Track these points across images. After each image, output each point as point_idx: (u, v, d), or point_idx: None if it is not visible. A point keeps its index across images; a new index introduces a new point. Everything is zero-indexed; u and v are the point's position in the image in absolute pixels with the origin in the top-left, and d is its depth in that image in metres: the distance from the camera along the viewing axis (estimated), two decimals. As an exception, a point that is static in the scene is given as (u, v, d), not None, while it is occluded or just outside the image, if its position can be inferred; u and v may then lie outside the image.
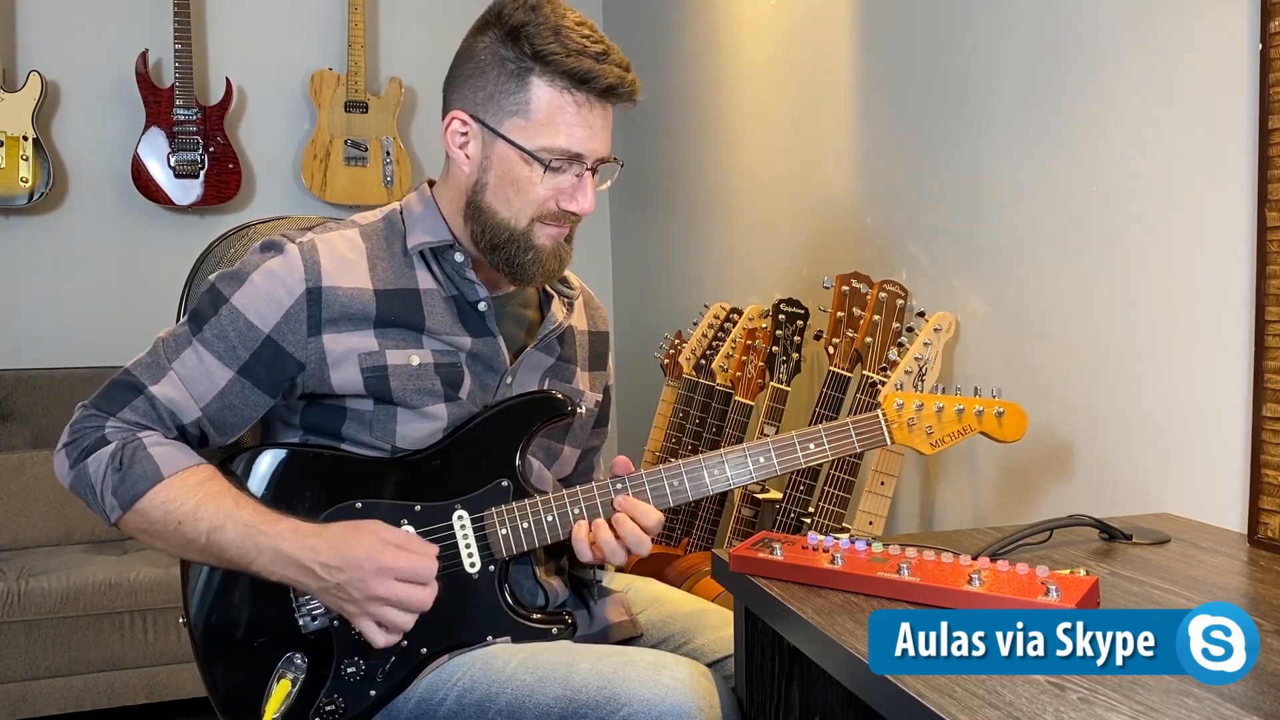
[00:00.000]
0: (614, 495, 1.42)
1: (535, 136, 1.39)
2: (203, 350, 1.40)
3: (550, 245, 1.44)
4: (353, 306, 1.41)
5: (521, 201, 1.41)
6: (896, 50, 2.30)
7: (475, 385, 1.46)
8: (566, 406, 1.46)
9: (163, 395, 1.39)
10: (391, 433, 1.42)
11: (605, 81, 1.38)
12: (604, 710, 1.25)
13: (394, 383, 1.41)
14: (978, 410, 1.50)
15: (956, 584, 1.13)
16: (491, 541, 1.42)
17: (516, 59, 1.38)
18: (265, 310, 1.40)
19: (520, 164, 1.40)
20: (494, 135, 1.40)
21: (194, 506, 1.35)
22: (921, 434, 1.48)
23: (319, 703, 1.38)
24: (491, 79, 1.40)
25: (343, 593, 1.33)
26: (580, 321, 1.60)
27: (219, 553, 1.36)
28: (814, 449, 1.45)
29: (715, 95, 3.12)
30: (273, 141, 3.73)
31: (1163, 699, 0.91)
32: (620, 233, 4.00)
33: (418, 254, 1.46)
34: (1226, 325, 1.53)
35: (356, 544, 1.33)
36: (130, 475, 1.35)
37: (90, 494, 1.38)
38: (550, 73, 1.37)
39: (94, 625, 2.91)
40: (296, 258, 1.41)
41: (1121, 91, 1.71)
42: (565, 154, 1.39)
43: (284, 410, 1.47)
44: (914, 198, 2.24)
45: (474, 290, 1.46)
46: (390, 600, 1.33)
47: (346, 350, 1.40)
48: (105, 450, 1.36)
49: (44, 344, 3.50)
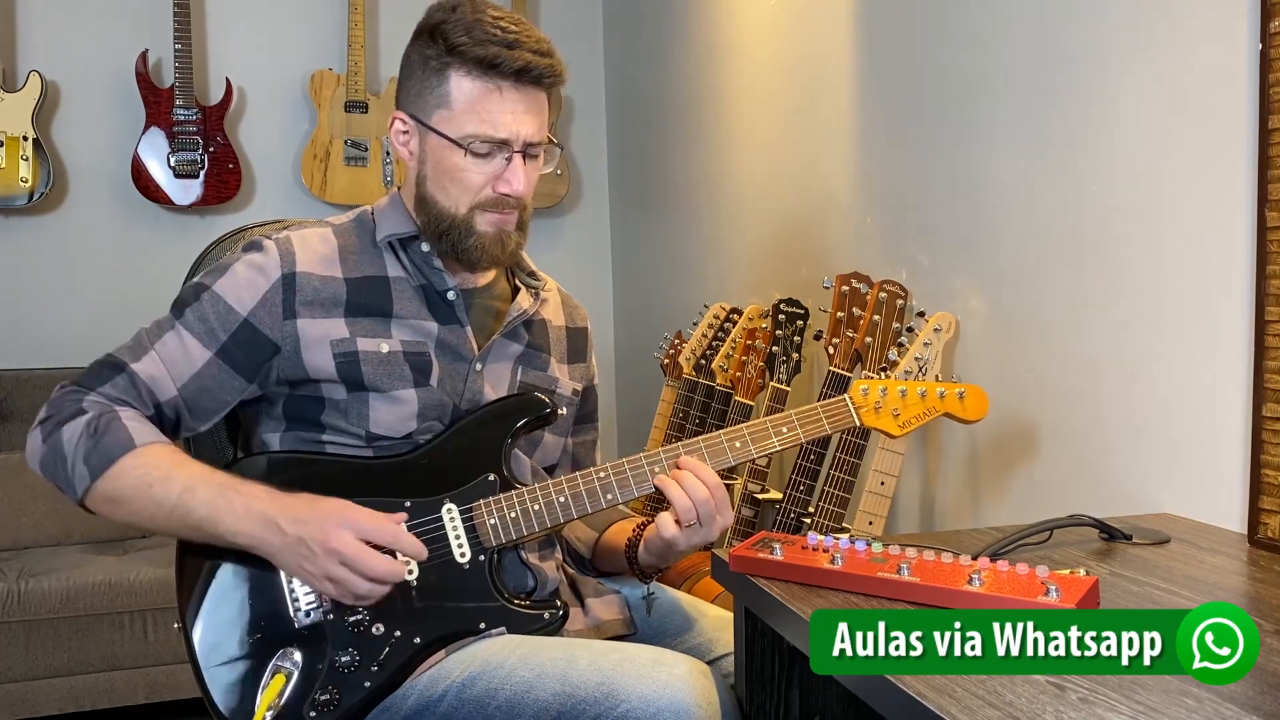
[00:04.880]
0: (596, 482, 1.47)
1: (460, 125, 1.46)
2: (184, 332, 1.46)
3: (492, 231, 1.50)
4: (325, 291, 1.48)
5: (458, 189, 1.49)
6: (896, 50, 2.30)
7: (444, 373, 1.51)
8: (548, 408, 1.52)
9: (143, 372, 1.44)
10: (365, 418, 1.47)
11: (514, 65, 1.44)
12: (603, 706, 1.25)
13: (365, 368, 1.46)
14: (940, 393, 1.57)
15: (956, 584, 1.13)
16: (480, 531, 1.45)
17: (436, 55, 1.47)
18: (244, 295, 1.47)
19: (449, 152, 1.48)
20: (425, 129, 1.49)
21: (167, 470, 1.38)
22: (889, 416, 1.55)
23: (313, 695, 1.39)
24: (418, 77, 1.49)
25: (303, 547, 1.35)
26: (556, 317, 1.65)
27: (186, 515, 1.37)
28: (786, 432, 1.51)
29: (715, 95, 3.12)
30: (273, 141, 3.73)
31: (1163, 699, 0.91)
32: (620, 233, 4.01)
33: (386, 244, 1.54)
34: (1226, 325, 1.53)
35: (327, 502, 1.39)
36: (103, 442, 1.38)
37: (60, 465, 1.40)
38: (465, 63, 1.45)
39: (94, 625, 2.91)
40: (273, 249, 1.49)
41: (1121, 91, 1.71)
42: (489, 139, 1.46)
43: (267, 403, 1.51)
44: (914, 198, 2.24)
45: (442, 279, 1.53)
46: (347, 556, 1.34)
47: (320, 335, 1.47)
48: (81, 419, 1.40)
49: (44, 344, 3.50)
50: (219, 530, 1.37)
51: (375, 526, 1.37)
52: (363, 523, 1.36)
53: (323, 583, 1.37)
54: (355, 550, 1.35)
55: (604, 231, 4.06)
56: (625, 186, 3.94)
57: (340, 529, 1.35)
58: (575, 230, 4.02)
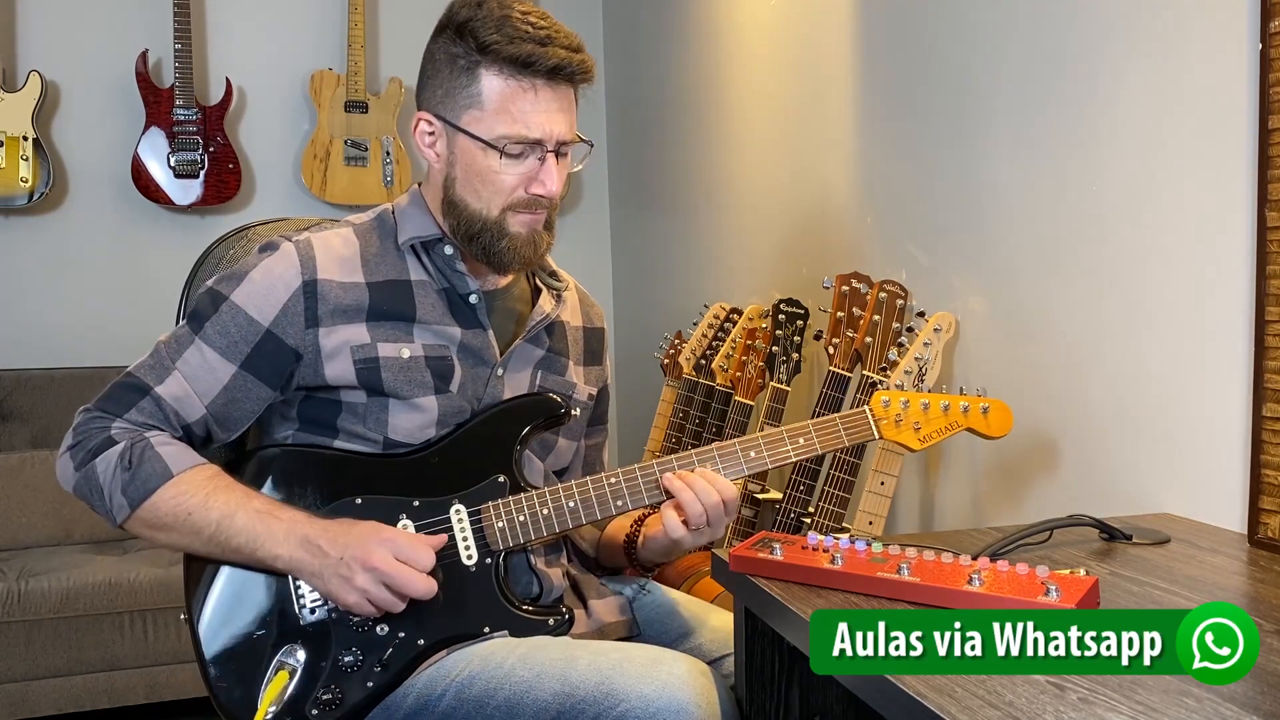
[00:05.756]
0: (607, 488, 1.45)
1: (492, 126, 1.43)
2: (205, 347, 1.44)
3: (525, 232, 1.48)
4: (347, 299, 1.45)
5: (490, 191, 1.45)
6: (896, 50, 2.30)
7: (466, 377, 1.49)
8: (561, 408, 1.50)
9: (168, 394, 1.43)
10: (384, 424, 1.45)
11: (550, 62, 1.42)
12: (602, 706, 1.25)
13: (385, 374, 1.45)
14: (963, 407, 1.53)
15: (956, 584, 1.13)
16: (488, 534, 1.44)
17: (465, 54, 1.43)
18: (264, 305, 1.44)
19: (481, 154, 1.44)
20: (455, 130, 1.45)
21: (204, 498, 1.39)
22: (909, 430, 1.52)
23: (316, 693, 1.39)
24: (446, 76, 1.45)
25: (344, 568, 1.36)
26: (574, 318, 1.63)
27: (225, 541, 1.38)
28: (803, 443, 1.49)
29: (715, 95, 3.12)
30: (273, 141, 3.73)
31: (1163, 699, 0.91)
32: (620, 233, 4.01)
33: (409, 248, 1.51)
34: (1226, 325, 1.52)
35: (366, 525, 1.40)
36: (140, 474, 1.38)
37: (97, 495, 1.41)
38: (496, 62, 1.42)
39: (94, 625, 2.90)
40: (293, 253, 1.46)
41: (1121, 91, 1.71)
42: (523, 139, 1.43)
43: (281, 404, 1.50)
44: (914, 198, 2.24)
45: (464, 282, 1.50)
46: (385, 573, 1.35)
47: (340, 343, 1.44)
48: (113, 450, 1.40)
49: (44, 344, 3.50)
50: (258, 555, 1.38)
51: (413, 549, 1.37)
52: (401, 543, 1.37)
53: (361, 603, 1.37)
54: (397, 570, 1.36)
55: (604, 231, 4.06)
56: (625, 186, 3.93)
57: (380, 548, 1.36)
58: (575, 230, 4.01)
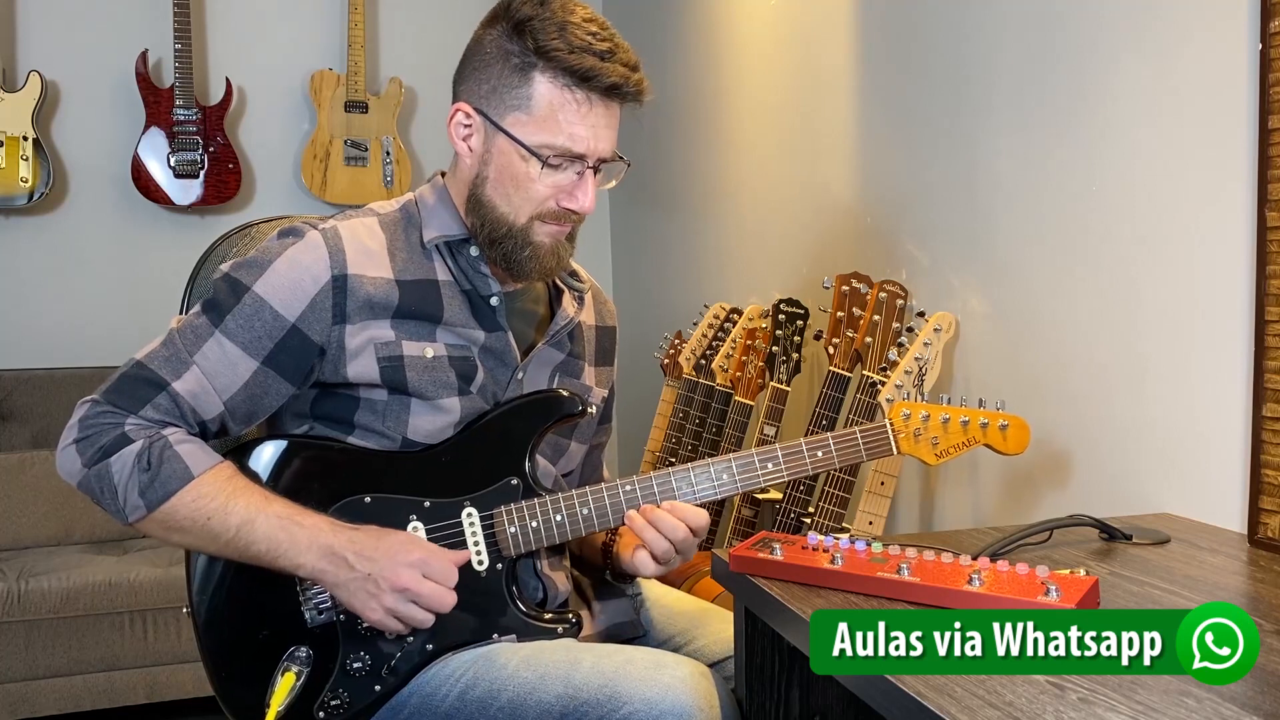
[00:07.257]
0: (622, 496, 1.43)
1: (536, 133, 1.38)
2: (226, 341, 1.38)
3: (549, 243, 1.44)
4: (377, 295, 1.41)
5: (521, 198, 1.41)
6: (896, 50, 2.30)
7: (488, 379, 1.46)
8: (577, 406, 1.46)
9: (185, 391, 1.37)
10: (404, 423, 1.42)
11: (608, 80, 1.37)
12: (605, 708, 1.25)
13: (409, 373, 1.41)
14: (982, 423, 1.50)
15: (956, 584, 1.13)
16: (500, 540, 1.42)
17: (521, 53, 1.37)
18: (290, 299, 1.39)
19: (519, 159, 1.40)
20: (495, 129, 1.40)
21: (224, 501, 1.35)
22: (927, 444, 1.49)
23: (323, 697, 1.38)
24: (495, 72, 1.40)
25: (370, 583, 1.34)
26: (589, 316, 1.60)
27: (245, 547, 1.35)
28: (821, 456, 1.46)
29: (715, 95, 3.12)
30: (273, 141, 3.73)
31: (1163, 699, 0.91)
32: (620, 232, 4.00)
33: (434, 247, 1.46)
34: (1226, 325, 1.52)
35: (392, 538, 1.37)
36: (160, 475, 1.33)
37: (109, 494, 1.35)
38: (553, 69, 1.36)
39: (94, 625, 2.90)
40: (320, 244, 1.40)
41: (1121, 92, 1.71)
42: (565, 152, 1.39)
43: (294, 400, 1.45)
44: (914, 198, 2.24)
45: (487, 285, 1.46)
46: (414, 592, 1.34)
47: (365, 341, 1.40)
48: (130, 450, 1.34)
49: (44, 344, 3.50)
50: (279, 563, 1.35)
51: (441, 567, 1.36)
52: (432, 565, 1.35)
53: (386, 619, 1.35)
54: (427, 590, 1.34)
55: (604, 231, 4.06)
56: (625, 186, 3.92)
57: (408, 570, 1.34)
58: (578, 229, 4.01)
